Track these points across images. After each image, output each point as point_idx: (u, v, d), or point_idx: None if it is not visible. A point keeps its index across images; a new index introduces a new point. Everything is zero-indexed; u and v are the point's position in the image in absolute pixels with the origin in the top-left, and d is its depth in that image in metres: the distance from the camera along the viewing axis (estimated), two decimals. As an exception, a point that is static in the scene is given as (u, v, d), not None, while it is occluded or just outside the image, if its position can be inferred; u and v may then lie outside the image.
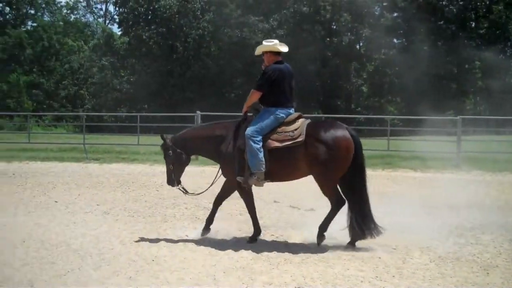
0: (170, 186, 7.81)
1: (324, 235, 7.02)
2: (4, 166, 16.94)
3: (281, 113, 7.14)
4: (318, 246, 6.93)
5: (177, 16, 48.18)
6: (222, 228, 7.78)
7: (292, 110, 7.30)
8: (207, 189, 7.74)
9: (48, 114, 44.33)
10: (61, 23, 63.38)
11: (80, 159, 18.80)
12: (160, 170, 15.75)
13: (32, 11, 65.14)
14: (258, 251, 6.71)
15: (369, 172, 15.62)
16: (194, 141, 7.61)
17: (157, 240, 7.26)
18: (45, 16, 65.24)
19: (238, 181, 7.13)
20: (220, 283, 5.51)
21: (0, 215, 9.00)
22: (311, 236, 7.28)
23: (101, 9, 70.88)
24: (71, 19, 67.26)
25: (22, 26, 62.88)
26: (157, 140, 17.84)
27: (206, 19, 47.64)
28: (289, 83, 7.32)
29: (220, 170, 7.49)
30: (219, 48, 46.45)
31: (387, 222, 7.36)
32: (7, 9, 64.76)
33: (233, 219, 8.85)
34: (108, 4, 70.03)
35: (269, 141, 7.02)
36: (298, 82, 8.75)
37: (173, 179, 7.61)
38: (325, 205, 7.24)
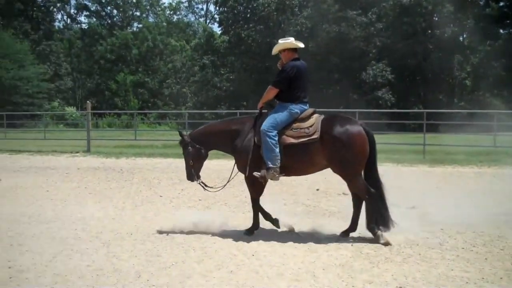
0: (190, 181, 7.96)
1: (379, 229, 7.01)
2: (113, 162, 17.86)
3: (295, 108, 7.26)
4: (388, 245, 6.79)
5: (275, 13, 48.50)
6: (320, 225, 7.78)
7: (307, 106, 7.41)
8: (225, 184, 7.98)
9: (152, 112, 46.20)
10: (164, 24, 65.80)
11: (182, 155, 19.38)
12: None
13: (138, 13, 68.18)
14: (357, 248, 6.65)
15: (475, 169, 15.12)
16: (212, 137, 7.78)
17: (256, 235, 7.39)
18: (149, 17, 68.01)
19: (254, 175, 7.22)
20: (320, 280, 5.51)
21: (109, 209, 9.54)
22: (412, 235, 7.13)
23: (202, 9, 72.92)
24: (174, 20, 69.59)
25: (129, 28, 65.97)
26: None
27: (304, 15, 47.55)
28: (305, 79, 7.44)
29: (236, 164, 7.64)
30: (317, 44, 46.22)
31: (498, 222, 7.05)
32: (115, 11, 68.20)
33: (333, 215, 8.83)
34: (209, 4, 71.82)
35: (285, 137, 7.16)
36: (397, 76, 8.57)
37: (193, 174, 7.79)
38: (427, 203, 7.05)
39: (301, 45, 7.55)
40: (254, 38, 49.23)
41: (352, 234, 7.28)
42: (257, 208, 7.63)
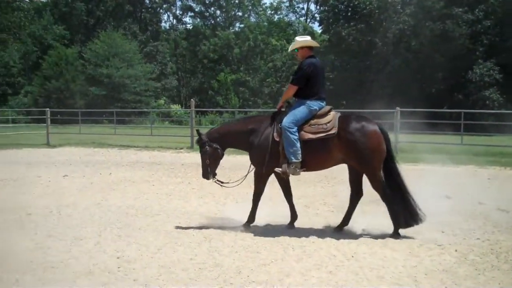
0: (206, 180, 8.13)
1: (399, 232, 7.34)
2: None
3: (314, 105, 7.50)
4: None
5: (377, 11, 47.63)
6: (422, 230, 7.55)
7: (324, 103, 7.64)
8: (242, 181, 8.16)
9: (253, 111, 46.83)
10: (265, 23, 66.48)
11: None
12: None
13: (240, 13, 69.36)
14: (462, 254, 6.40)
15: None
16: (229, 136, 7.96)
17: (356, 236, 7.32)
18: (251, 17, 69.01)
19: (277, 171, 7.52)
20: (422, 285, 5.37)
21: (211, 204, 9.80)
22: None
23: (303, 8, 72.87)
24: (275, 19, 70.18)
25: (231, 28, 67.28)
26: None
27: (407, 12, 46.34)
28: (321, 76, 7.67)
29: (250, 159, 7.87)
30: (420, 42, 44.87)
31: None
32: (218, 12, 69.82)
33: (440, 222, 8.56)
34: (310, 3, 71.72)
35: (303, 132, 7.41)
36: (506, 76, 8.18)
37: (209, 172, 7.97)
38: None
39: (317, 44, 7.91)
40: (355, 36, 48.61)
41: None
42: (257, 202, 7.93)
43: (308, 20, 71.27)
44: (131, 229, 7.75)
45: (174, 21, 75.19)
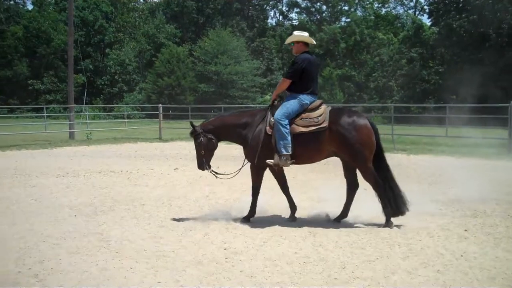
0: (201, 170, 8.33)
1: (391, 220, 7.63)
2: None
3: (305, 99, 7.70)
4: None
5: (490, 1, 45.25)
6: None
7: (315, 97, 7.85)
8: (237, 173, 8.37)
9: (358, 106, 46.21)
10: (372, 17, 65.30)
11: (388, 149, 19.16)
12: (466, 163, 15.17)
13: (346, 7, 68.59)
14: None
15: None
16: (223, 129, 8.14)
17: (464, 236, 7.07)
18: (357, 11, 68.03)
19: (268, 163, 7.68)
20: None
21: (314, 199, 9.82)
22: None
23: (411, 0, 70.76)
24: (382, 13, 68.74)
25: (337, 23, 66.72)
26: (466, 132, 17.10)
27: (525, 1, 43.69)
28: (315, 72, 7.87)
29: (244, 153, 8.06)
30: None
31: None
32: (324, 7, 69.48)
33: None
34: (419, -5, 69.54)
35: (295, 126, 7.61)
36: None
37: (204, 163, 8.14)
38: None
39: (314, 42, 8.09)
40: (467, 28, 46.49)
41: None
42: (257, 196, 8.10)
43: (417, 12, 69.16)
44: (237, 222, 7.96)
45: (280, 17, 75.86)
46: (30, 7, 71.67)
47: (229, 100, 49.91)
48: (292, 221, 8.05)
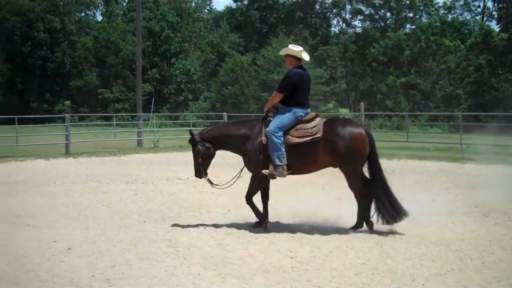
0: (198, 178, 8.57)
1: (361, 226, 7.90)
2: (385, 164, 17.81)
3: (299, 111, 7.92)
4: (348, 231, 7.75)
5: None
6: None
7: (309, 110, 8.10)
8: (233, 182, 8.58)
9: (424, 114, 45.26)
10: (437, 23, 63.86)
11: (456, 159, 18.74)
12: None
13: (411, 14, 67.38)
14: None
15: None
16: (222, 138, 8.40)
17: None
18: (422, 18, 66.70)
19: (263, 173, 7.85)
20: None
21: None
22: None
23: (478, 6, 68.71)
24: (448, 19, 67.10)
25: (401, 30, 65.61)
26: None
27: None
28: (307, 86, 8.15)
29: (245, 164, 8.30)
30: None
31: None
32: (388, 14, 68.54)
33: None
34: (487, 0, 67.47)
35: (290, 137, 7.80)
36: None
37: (201, 171, 8.37)
38: None
39: (307, 58, 8.16)
40: (539, 34, 44.80)
41: None
42: (267, 203, 8.39)
43: (485, 18, 67.06)
44: (303, 231, 7.94)
45: (344, 25, 75.29)
46: (99, 18, 74.29)
47: (291, 109, 49.88)
48: (253, 227, 8.21)
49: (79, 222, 8.81)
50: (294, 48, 8.21)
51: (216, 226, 8.32)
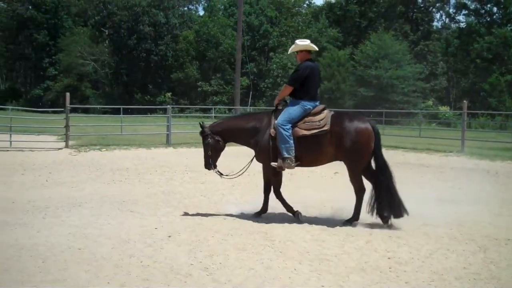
0: (207, 170, 8.77)
1: (356, 223, 8.05)
2: (487, 165, 17.14)
3: (308, 104, 8.10)
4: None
5: None
6: None
7: (317, 103, 8.24)
8: (241, 173, 8.89)
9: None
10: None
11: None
12: None
13: (520, 9, 63.81)
14: None
15: None
16: (231, 131, 8.61)
17: None
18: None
19: (272, 165, 8.03)
20: None
21: (484, 212, 9.28)
22: None
23: None
24: None
25: (508, 25, 62.29)
26: None
27: None
28: (316, 79, 8.29)
29: (255, 157, 8.51)
30: None
31: None
32: (495, 9, 65.31)
33: None
34: None
35: (298, 129, 8.00)
36: None
37: (211, 163, 8.59)
38: None
39: (316, 48, 8.41)
40: None
41: None
42: (267, 194, 8.62)
43: None
44: (401, 231, 7.79)
45: (447, 19, 72.61)
46: (201, 13, 76.12)
47: (388, 105, 48.77)
48: (255, 217, 8.53)
49: (178, 210, 9.13)
50: (303, 43, 8.41)
51: (312, 221, 8.33)
